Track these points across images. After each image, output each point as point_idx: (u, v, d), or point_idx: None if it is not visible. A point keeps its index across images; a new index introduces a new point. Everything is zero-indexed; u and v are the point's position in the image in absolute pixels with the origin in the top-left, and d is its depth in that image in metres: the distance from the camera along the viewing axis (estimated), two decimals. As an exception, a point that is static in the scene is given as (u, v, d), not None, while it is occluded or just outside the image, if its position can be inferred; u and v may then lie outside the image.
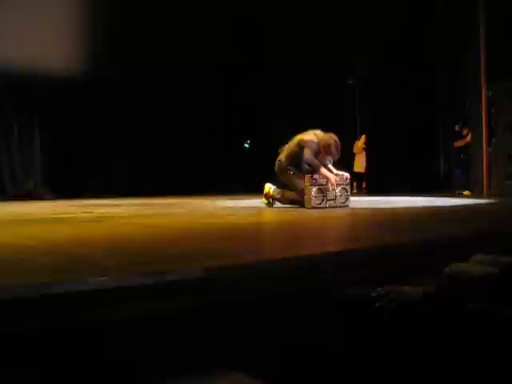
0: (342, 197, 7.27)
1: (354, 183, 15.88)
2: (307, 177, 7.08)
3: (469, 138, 12.57)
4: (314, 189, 7.01)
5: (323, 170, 7.12)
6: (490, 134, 11.23)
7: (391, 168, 14.42)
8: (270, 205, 7.60)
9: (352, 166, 15.53)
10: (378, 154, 14.97)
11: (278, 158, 7.59)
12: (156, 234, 4.16)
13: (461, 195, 11.81)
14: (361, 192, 15.15)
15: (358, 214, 6.65)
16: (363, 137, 15.79)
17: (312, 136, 7.33)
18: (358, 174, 15.67)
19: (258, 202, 8.07)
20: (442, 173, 14.80)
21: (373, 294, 2.29)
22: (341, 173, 7.43)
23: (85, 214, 6.50)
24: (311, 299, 2.47)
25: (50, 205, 9.37)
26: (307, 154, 7.11)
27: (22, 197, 11.89)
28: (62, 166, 12.59)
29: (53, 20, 11.43)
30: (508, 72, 10.23)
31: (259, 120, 15.66)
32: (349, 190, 7.43)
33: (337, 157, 7.34)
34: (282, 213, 6.72)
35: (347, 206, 7.30)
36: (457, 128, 13.46)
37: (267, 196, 7.60)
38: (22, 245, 3.36)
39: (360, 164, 15.73)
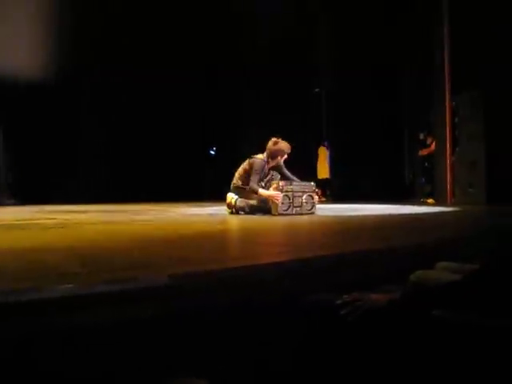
0: (308, 204, 7.33)
1: (319, 190, 15.95)
2: (274, 185, 7.20)
3: (433, 146, 12.70)
4: (281, 195, 7.06)
5: (262, 192, 7.34)
6: (454, 143, 11.37)
7: (356, 176, 14.50)
8: (233, 214, 7.60)
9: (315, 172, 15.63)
10: (343, 162, 15.05)
11: (232, 182, 7.78)
12: (121, 241, 4.13)
13: (425, 203, 11.92)
14: (326, 199, 15.22)
15: (323, 221, 6.68)
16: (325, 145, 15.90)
17: (260, 155, 7.72)
18: (323, 180, 15.74)
19: (224, 209, 8.06)
20: (407, 181, 14.92)
21: (338, 302, 2.30)
22: (303, 183, 7.52)
23: (49, 221, 6.42)
24: (276, 306, 2.47)
25: (13, 211, 9.24)
26: (252, 180, 7.45)
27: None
28: (26, 171, 12.42)
29: (17, 23, 11.29)
30: (471, 81, 10.38)
31: (225, 127, 15.67)
32: (315, 198, 7.47)
33: (287, 152, 7.74)
34: (248, 220, 6.72)
35: (313, 213, 7.35)
36: (421, 136, 13.59)
37: (230, 206, 7.62)
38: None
39: (324, 170, 15.79)
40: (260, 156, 7.68)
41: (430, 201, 12.26)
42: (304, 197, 7.29)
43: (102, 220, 6.66)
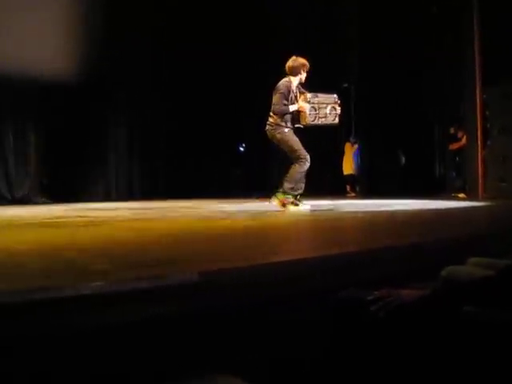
0: (332, 115, 7.56)
1: (348, 186, 15.81)
2: (302, 97, 7.46)
3: (464, 140, 12.57)
4: (309, 106, 7.35)
5: (292, 107, 7.41)
6: (485, 137, 11.23)
7: (386, 171, 14.41)
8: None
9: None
10: (372, 157, 14.96)
11: (269, 122, 7.59)
12: (151, 237, 4.15)
13: (456, 198, 11.80)
14: (356, 195, 15.10)
15: (352, 217, 6.66)
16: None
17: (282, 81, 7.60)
18: (348, 176, 15.62)
19: (253, 205, 8.07)
20: (437, 175, 14.78)
21: (368, 298, 2.28)
22: (327, 95, 7.68)
23: (81, 219, 6.48)
24: (306, 302, 2.46)
25: (45, 209, 9.34)
26: (278, 104, 7.40)
27: (17, 201, 11.85)
28: (58, 169, 12.53)
29: (47, 22, 11.37)
30: (503, 74, 10.25)
31: (254, 124, 15.63)
32: (337, 109, 7.62)
33: (308, 67, 7.60)
34: (277, 216, 6.72)
35: (336, 123, 7.68)
36: (452, 131, 13.46)
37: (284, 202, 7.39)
38: (18, 249, 3.34)
39: (349, 166, 15.64)
40: (285, 80, 7.59)
41: (461, 195, 12.13)
42: (328, 108, 7.48)
43: (133, 218, 6.71)
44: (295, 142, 7.37)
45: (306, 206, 7.44)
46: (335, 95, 7.71)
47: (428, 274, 2.36)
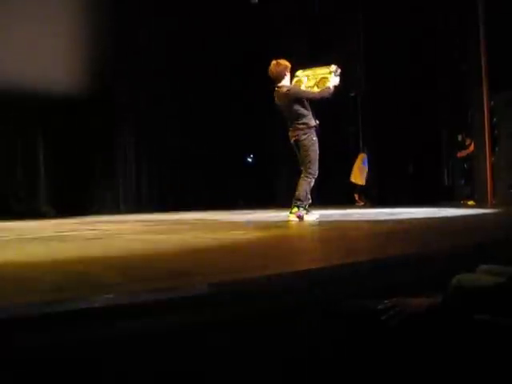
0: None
1: (356, 195, 15.75)
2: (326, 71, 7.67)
3: (472, 147, 12.55)
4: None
5: (333, 83, 7.71)
6: (493, 144, 11.21)
7: (394, 179, 14.38)
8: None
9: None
10: (380, 165, 14.93)
11: (295, 126, 7.56)
12: (160, 250, 4.15)
13: (465, 205, 11.77)
14: (364, 204, 15.03)
15: (361, 226, 6.64)
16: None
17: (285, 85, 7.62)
18: (356, 184, 15.52)
19: (261, 216, 8.06)
20: (446, 183, 14.75)
21: (379, 307, 2.28)
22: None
23: (89, 232, 6.49)
24: (317, 313, 2.46)
25: (53, 222, 9.36)
26: (310, 92, 7.65)
27: (27, 215, 11.88)
28: (66, 183, 12.56)
29: (56, 37, 11.43)
30: (510, 81, 10.24)
31: (262, 135, 15.64)
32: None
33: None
34: (286, 226, 6.71)
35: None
36: (459, 138, 13.44)
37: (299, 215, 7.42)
38: (26, 263, 3.35)
39: (355, 175, 15.52)
40: (288, 85, 7.62)
41: (471, 203, 12.10)
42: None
43: (142, 230, 6.71)
44: (316, 155, 7.38)
45: (314, 215, 7.44)
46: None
47: (438, 282, 2.36)
